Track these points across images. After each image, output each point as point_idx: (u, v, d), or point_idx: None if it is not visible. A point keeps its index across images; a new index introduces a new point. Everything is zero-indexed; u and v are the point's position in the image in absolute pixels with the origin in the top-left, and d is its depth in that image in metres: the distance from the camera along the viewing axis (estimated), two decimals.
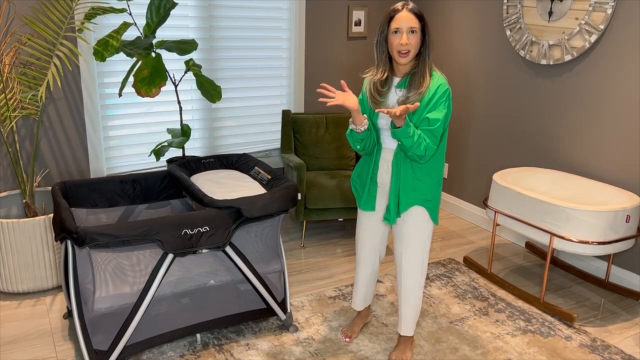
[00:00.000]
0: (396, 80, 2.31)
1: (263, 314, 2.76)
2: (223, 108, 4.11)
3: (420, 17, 2.19)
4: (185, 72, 3.45)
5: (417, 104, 2.08)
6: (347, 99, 2.20)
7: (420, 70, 2.22)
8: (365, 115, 2.30)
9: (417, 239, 2.39)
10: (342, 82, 2.25)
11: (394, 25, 2.18)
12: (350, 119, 2.29)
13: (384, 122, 2.31)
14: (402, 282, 2.47)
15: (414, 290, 2.47)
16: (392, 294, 3.19)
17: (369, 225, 2.54)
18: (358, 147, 2.36)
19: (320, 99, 2.26)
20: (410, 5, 2.20)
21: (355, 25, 4.46)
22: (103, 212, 2.86)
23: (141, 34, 3.24)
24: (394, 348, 2.64)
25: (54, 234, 3.02)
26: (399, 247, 2.43)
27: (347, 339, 2.73)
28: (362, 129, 2.26)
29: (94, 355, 2.33)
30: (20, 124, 3.38)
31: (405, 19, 2.16)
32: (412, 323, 2.55)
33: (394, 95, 2.30)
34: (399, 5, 2.19)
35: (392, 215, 2.36)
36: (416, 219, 2.36)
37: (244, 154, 3.09)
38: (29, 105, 3.23)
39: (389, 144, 2.35)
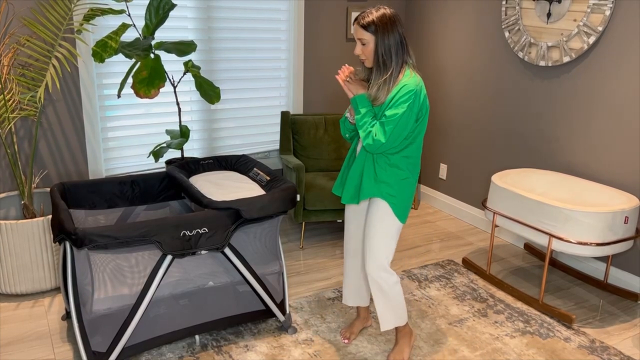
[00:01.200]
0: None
1: (262, 316, 2.75)
2: (222, 109, 4.11)
3: (368, 28, 2.22)
4: (184, 74, 3.45)
5: (351, 68, 2.35)
6: (351, 84, 2.34)
7: (374, 80, 2.29)
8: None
9: (379, 233, 2.39)
10: (352, 69, 2.36)
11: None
12: (348, 108, 2.42)
13: None
14: (368, 278, 2.46)
15: (378, 285, 2.43)
16: None
17: (350, 214, 2.59)
18: (347, 135, 2.52)
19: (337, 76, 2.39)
20: (364, 18, 2.23)
21: None
22: (102, 213, 2.86)
23: (140, 35, 3.24)
24: (391, 349, 2.64)
25: (52, 236, 3.01)
26: (365, 239, 2.45)
27: (346, 340, 2.73)
28: (354, 122, 2.39)
29: (93, 357, 2.33)
30: (18, 125, 3.38)
31: (355, 31, 2.28)
32: (385, 318, 2.49)
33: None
34: (357, 16, 2.30)
35: (346, 194, 2.46)
36: (379, 211, 2.38)
37: (243, 155, 3.09)
38: (27, 107, 3.23)
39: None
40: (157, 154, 3.34)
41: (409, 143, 2.32)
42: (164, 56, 3.61)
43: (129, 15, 3.22)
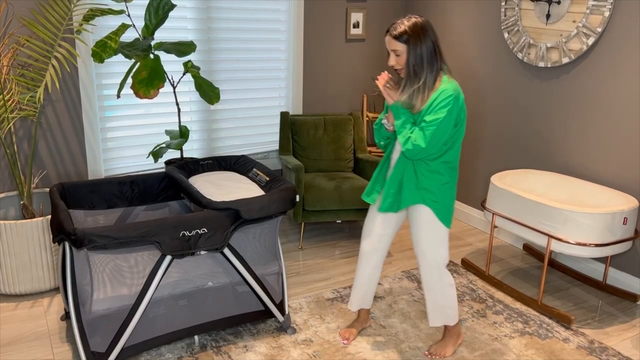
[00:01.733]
0: None
1: (261, 316, 2.75)
2: (221, 110, 4.12)
3: (400, 38, 2.24)
4: (184, 74, 3.45)
5: (390, 75, 2.38)
6: (391, 91, 2.35)
7: (407, 89, 2.29)
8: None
9: (425, 239, 2.44)
10: (391, 76, 2.39)
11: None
12: (386, 115, 2.46)
13: None
14: (422, 278, 2.55)
15: (430, 285, 2.53)
16: (390, 296, 3.19)
17: (376, 218, 2.58)
18: (382, 143, 2.53)
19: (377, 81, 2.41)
20: (396, 29, 2.25)
21: (354, 27, 4.47)
22: (101, 213, 2.86)
23: (140, 35, 3.24)
24: (436, 342, 2.70)
25: (51, 236, 3.01)
26: (415, 246, 2.52)
27: (345, 341, 2.74)
28: (392, 128, 2.42)
29: (92, 357, 2.33)
30: (18, 125, 3.38)
31: (387, 43, 2.30)
32: (436, 316, 2.58)
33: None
34: (389, 27, 2.31)
35: (384, 203, 2.45)
36: (423, 218, 2.42)
37: (242, 156, 3.10)
38: (27, 107, 3.23)
39: (399, 145, 2.45)
40: (156, 154, 3.34)
41: (448, 148, 2.33)
42: (164, 56, 3.61)
43: (129, 15, 3.22)
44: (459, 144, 2.37)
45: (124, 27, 3.03)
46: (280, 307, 2.77)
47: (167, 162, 3.65)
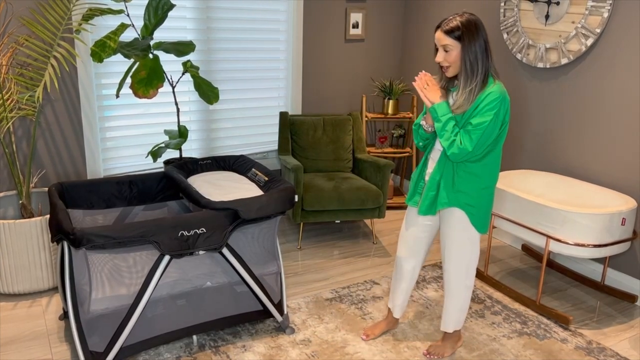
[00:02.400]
0: (454, 84, 2.37)
1: (260, 316, 2.76)
2: (220, 109, 4.12)
3: (452, 34, 2.20)
4: (183, 74, 3.45)
5: (429, 75, 2.34)
6: (429, 91, 2.31)
7: (459, 85, 2.26)
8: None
9: (455, 243, 2.42)
10: (430, 76, 2.34)
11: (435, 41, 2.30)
12: (423, 115, 2.43)
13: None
14: (445, 281, 2.54)
15: (455, 290, 2.52)
16: (388, 297, 3.19)
17: (413, 221, 2.57)
18: (421, 144, 2.50)
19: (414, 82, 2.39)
20: (448, 24, 2.21)
21: (353, 27, 4.47)
22: (100, 213, 2.86)
23: (139, 35, 3.24)
24: (435, 342, 2.71)
25: (50, 235, 3.01)
26: (442, 248, 2.50)
27: (364, 336, 2.76)
28: (430, 130, 2.39)
29: (90, 357, 2.33)
30: (17, 124, 3.38)
31: (438, 39, 2.25)
32: (452, 321, 2.59)
33: (451, 99, 2.36)
34: (440, 22, 2.27)
35: (422, 206, 2.42)
36: (455, 221, 2.39)
37: (241, 156, 3.10)
38: (26, 106, 3.23)
39: (438, 144, 2.42)
40: (155, 154, 3.34)
41: (490, 150, 2.30)
42: (163, 56, 3.61)
43: (128, 15, 3.22)
44: (501, 147, 2.33)
45: (123, 27, 3.03)
46: (279, 307, 2.77)
47: (166, 162, 3.65)
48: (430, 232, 2.57)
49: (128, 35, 3.52)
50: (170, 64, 3.78)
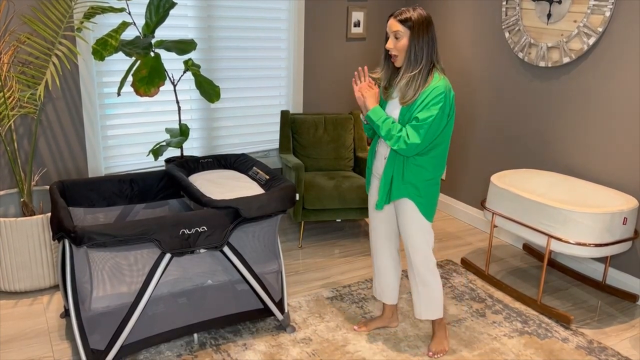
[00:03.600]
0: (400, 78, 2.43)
1: (260, 314, 2.76)
2: (222, 108, 4.11)
3: (405, 23, 2.30)
4: (184, 72, 3.45)
5: (368, 78, 2.43)
6: (367, 98, 2.42)
7: (404, 74, 2.34)
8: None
9: (410, 230, 2.51)
10: (370, 80, 2.45)
11: (386, 30, 2.40)
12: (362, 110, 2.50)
13: (390, 110, 2.45)
14: (409, 270, 2.61)
15: (417, 276, 2.57)
16: None
17: (377, 216, 2.66)
18: (367, 135, 2.63)
19: (354, 80, 2.47)
20: (402, 13, 2.31)
21: (355, 26, 4.47)
22: (101, 211, 2.86)
23: (140, 33, 3.24)
24: (431, 340, 2.71)
25: (51, 233, 3.02)
26: (403, 237, 2.57)
27: (356, 327, 2.81)
28: (364, 121, 2.50)
29: (91, 355, 2.33)
30: (18, 122, 3.38)
31: (390, 25, 2.34)
32: (424, 307, 2.62)
33: (397, 91, 2.42)
34: (394, 11, 2.38)
35: (379, 201, 2.52)
36: (408, 212, 2.48)
37: (242, 154, 3.10)
38: (27, 104, 3.23)
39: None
40: (156, 152, 3.34)
41: (437, 144, 2.39)
42: (164, 55, 3.61)
43: (129, 13, 3.22)
44: (448, 140, 2.42)
45: (124, 25, 3.03)
46: (280, 305, 2.77)
47: (167, 160, 3.65)
48: (393, 216, 2.64)
49: (129, 34, 3.52)
50: (172, 62, 3.78)
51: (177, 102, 3.46)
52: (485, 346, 2.75)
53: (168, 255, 2.36)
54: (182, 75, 3.54)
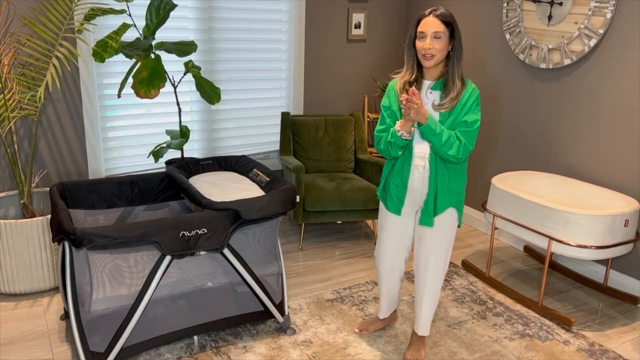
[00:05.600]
0: (427, 83, 2.33)
1: (261, 317, 2.75)
2: (222, 110, 4.11)
3: (447, 22, 2.21)
4: (185, 74, 3.45)
5: (416, 91, 2.16)
6: (418, 112, 2.18)
7: (450, 76, 2.26)
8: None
9: (446, 241, 2.43)
10: (415, 93, 2.17)
11: (420, 29, 2.25)
12: (400, 125, 2.26)
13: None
14: (427, 283, 2.50)
15: (435, 291, 2.52)
16: None
17: (395, 228, 2.51)
18: (400, 153, 2.35)
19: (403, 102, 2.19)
20: (439, 11, 2.23)
21: (355, 27, 4.47)
22: (101, 213, 2.85)
23: (140, 35, 3.24)
24: (407, 347, 2.66)
25: (51, 235, 3.01)
26: (425, 249, 2.45)
27: (357, 330, 2.77)
28: (408, 137, 2.28)
29: (91, 357, 2.32)
30: (18, 124, 3.38)
31: (430, 24, 2.21)
32: (429, 323, 2.60)
33: (426, 97, 2.32)
34: (427, 10, 2.25)
35: (426, 218, 2.39)
36: (447, 220, 2.40)
37: (243, 156, 3.09)
38: (27, 106, 3.23)
39: (419, 149, 2.34)
40: (157, 154, 3.34)
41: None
42: (165, 56, 3.61)
43: (130, 15, 3.22)
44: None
45: (125, 27, 3.03)
46: (280, 307, 2.77)
47: (168, 162, 3.65)
48: (409, 242, 2.56)
49: (130, 35, 3.52)
50: (172, 64, 3.78)
51: (178, 103, 3.46)
52: (486, 348, 2.74)
53: (168, 257, 2.36)
54: (182, 77, 3.53)
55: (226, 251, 2.49)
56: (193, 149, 4.07)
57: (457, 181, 2.36)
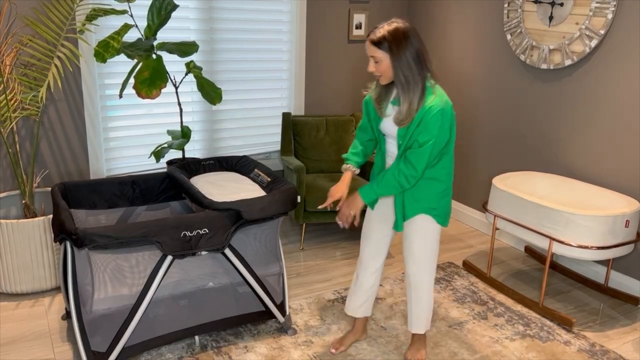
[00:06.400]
0: (393, 94, 2.33)
1: (262, 317, 2.75)
2: (223, 110, 4.12)
3: (380, 45, 2.14)
4: (186, 74, 3.45)
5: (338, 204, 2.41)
6: (353, 207, 2.36)
7: (400, 96, 2.20)
8: (350, 167, 2.49)
9: (422, 245, 2.41)
10: (342, 211, 2.37)
11: None
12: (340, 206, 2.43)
13: (387, 127, 2.34)
14: (410, 283, 2.50)
15: (422, 291, 2.50)
16: (391, 297, 3.19)
17: (372, 223, 2.54)
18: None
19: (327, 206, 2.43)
20: (375, 33, 2.15)
21: (356, 28, 4.47)
22: (102, 213, 2.86)
23: (142, 35, 3.25)
24: (408, 347, 2.65)
25: (53, 235, 3.02)
26: (407, 250, 2.46)
27: (333, 350, 2.67)
28: (358, 172, 2.53)
29: (92, 357, 2.33)
30: (20, 124, 3.39)
31: (367, 48, 2.20)
32: (423, 321, 2.56)
33: (391, 109, 2.33)
34: (369, 31, 2.22)
35: (399, 224, 2.43)
36: (420, 226, 2.39)
37: (244, 156, 3.10)
38: (29, 106, 3.23)
39: (391, 150, 2.39)
40: (158, 154, 3.34)
41: (444, 153, 2.31)
42: (166, 57, 3.61)
43: (131, 15, 3.22)
44: (452, 148, 2.33)
45: (126, 27, 3.03)
46: (281, 308, 2.77)
47: (169, 162, 3.65)
48: (391, 231, 2.55)
49: (131, 36, 3.52)
50: (174, 64, 3.78)
51: (179, 104, 3.46)
52: (487, 349, 2.74)
53: (169, 257, 2.36)
54: (183, 78, 3.53)
55: (227, 251, 2.49)
56: (194, 149, 4.08)
57: (427, 188, 2.33)
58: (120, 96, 3.15)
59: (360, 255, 2.62)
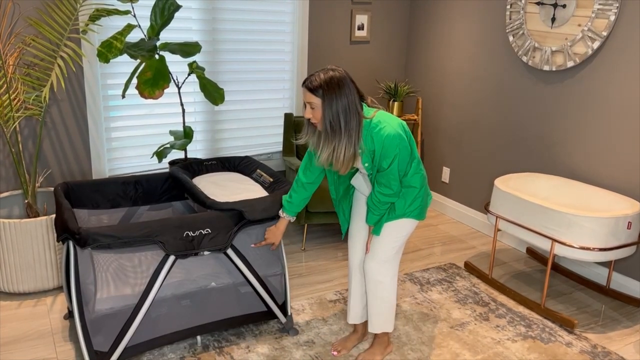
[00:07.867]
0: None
1: (264, 317, 2.76)
2: (226, 110, 4.12)
3: (316, 92, 2.15)
4: (189, 75, 3.46)
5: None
6: (274, 237, 2.57)
7: (322, 142, 2.23)
8: (286, 216, 2.54)
9: (390, 241, 2.42)
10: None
11: None
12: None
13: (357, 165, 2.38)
14: (372, 278, 2.48)
15: (373, 289, 2.48)
16: None
17: (356, 231, 2.58)
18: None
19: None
20: (312, 82, 2.17)
21: (358, 29, 4.47)
22: (105, 213, 2.86)
23: (145, 36, 3.25)
24: (366, 350, 2.63)
25: (55, 235, 3.02)
26: (372, 244, 2.46)
27: (335, 352, 2.65)
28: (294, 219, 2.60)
29: (95, 357, 2.33)
30: (23, 124, 3.39)
31: (304, 94, 2.21)
32: (377, 321, 2.52)
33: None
34: (306, 79, 2.22)
35: (377, 228, 2.44)
36: (397, 223, 2.42)
37: (246, 157, 3.10)
38: (32, 106, 3.24)
39: (358, 183, 2.47)
40: (160, 154, 3.35)
41: (412, 160, 2.34)
42: (169, 57, 3.62)
43: (134, 16, 3.23)
44: (416, 152, 2.35)
45: (129, 28, 3.04)
46: (283, 308, 2.77)
47: (171, 163, 3.66)
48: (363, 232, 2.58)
49: (134, 36, 3.53)
50: (176, 64, 3.79)
51: (182, 104, 3.47)
52: (489, 350, 2.74)
53: (172, 257, 2.36)
54: (186, 78, 3.54)
55: (230, 251, 2.50)
56: (196, 150, 4.08)
57: (404, 196, 2.35)
58: (123, 96, 3.15)
59: (349, 263, 2.62)
